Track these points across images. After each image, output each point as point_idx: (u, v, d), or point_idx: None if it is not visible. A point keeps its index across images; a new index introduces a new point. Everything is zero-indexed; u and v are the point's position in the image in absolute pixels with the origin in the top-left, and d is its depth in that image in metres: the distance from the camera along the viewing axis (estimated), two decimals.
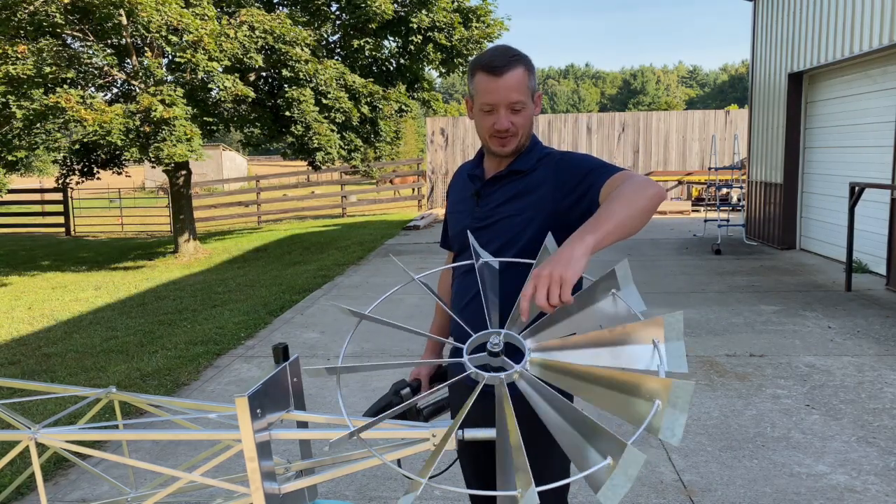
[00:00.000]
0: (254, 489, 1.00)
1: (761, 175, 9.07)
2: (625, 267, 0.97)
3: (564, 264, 1.00)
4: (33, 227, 14.90)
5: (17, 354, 4.93)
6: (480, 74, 1.38)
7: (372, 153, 9.89)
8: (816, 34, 7.49)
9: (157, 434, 1.12)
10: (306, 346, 4.77)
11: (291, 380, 1.14)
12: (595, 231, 1.08)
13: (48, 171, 26.06)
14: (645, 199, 1.17)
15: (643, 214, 1.17)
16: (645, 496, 2.63)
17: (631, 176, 1.27)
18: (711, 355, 4.26)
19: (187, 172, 9.57)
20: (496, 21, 9.67)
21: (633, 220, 1.14)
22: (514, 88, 1.36)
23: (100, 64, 7.86)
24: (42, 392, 1.37)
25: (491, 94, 1.37)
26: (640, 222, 1.16)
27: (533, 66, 1.42)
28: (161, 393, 3.91)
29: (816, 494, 2.59)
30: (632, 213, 1.14)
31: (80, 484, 2.87)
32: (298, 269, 8.16)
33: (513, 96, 1.36)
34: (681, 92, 73.13)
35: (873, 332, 4.67)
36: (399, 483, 2.80)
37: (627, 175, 1.28)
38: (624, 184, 1.24)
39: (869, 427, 3.15)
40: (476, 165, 1.54)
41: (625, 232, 1.13)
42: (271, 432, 1.04)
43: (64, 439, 1.11)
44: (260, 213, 15.47)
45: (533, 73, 1.41)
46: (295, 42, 8.29)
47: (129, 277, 8.28)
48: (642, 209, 1.16)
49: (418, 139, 35.60)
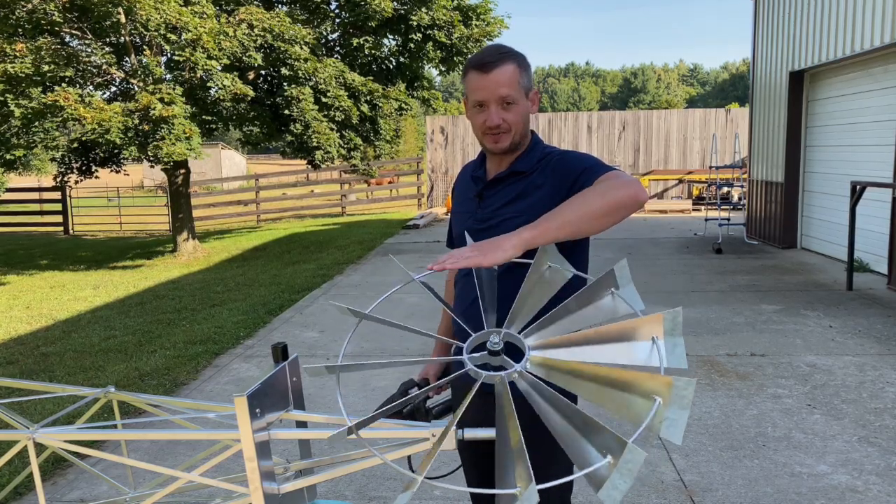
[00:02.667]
0: (253, 489, 1.00)
1: (762, 174, 9.07)
2: (624, 266, 0.97)
3: (486, 250, 1.02)
4: (31, 226, 14.87)
5: (16, 354, 4.91)
6: (472, 72, 1.39)
7: (371, 152, 9.89)
8: (818, 32, 7.48)
9: (155, 434, 1.12)
10: (306, 346, 4.75)
11: (291, 379, 1.13)
12: (535, 227, 1.09)
13: (46, 170, 26.03)
14: (606, 200, 1.16)
15: (601, 215, 1.15)
16: (646, 496, 2.62)
17: (614, 176, 1.26)
18: (712, 355, 4.25)
19: (186, 171, 9.55)
20: (496, 19, 9.66)
21: (586, 221, 1.14)
22: (504, 84, 1.36)
23: (98, 62, 7.84)
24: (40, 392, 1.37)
25: (481, 91, 1.38)
26: (597, 223, 1.15)
27: (527, 64, 1.42)
28: (160, 392, 3.90)
29: (818, 494, 2.59)
30: (584, 212, 1.14)
31: (78, 484, 2.86)
32: (298, 269, 8.14)
33: (502, 91, 1.36)
34: (681, 90, 73.12)
35: (875, 331, 4.66)
36: (399, 483, 2.78)
37: (612, 175, 1.27)
38: (597, 184, 1.24)
39: (870, 427, 3.15)
40: (478, 166, 1.54)
41: (573, 230, 1.12)
42: (270, 432, 1.03)
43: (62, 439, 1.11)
44: (259, 211, 15.45)
45: (527, 70, 1.41)
46: (294, 40, 8.27)
47: (128, 277, 8.26)
48: (599, 210, 1.15)
49: (418, 138, 35.58)
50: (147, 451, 3.12)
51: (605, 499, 0.72)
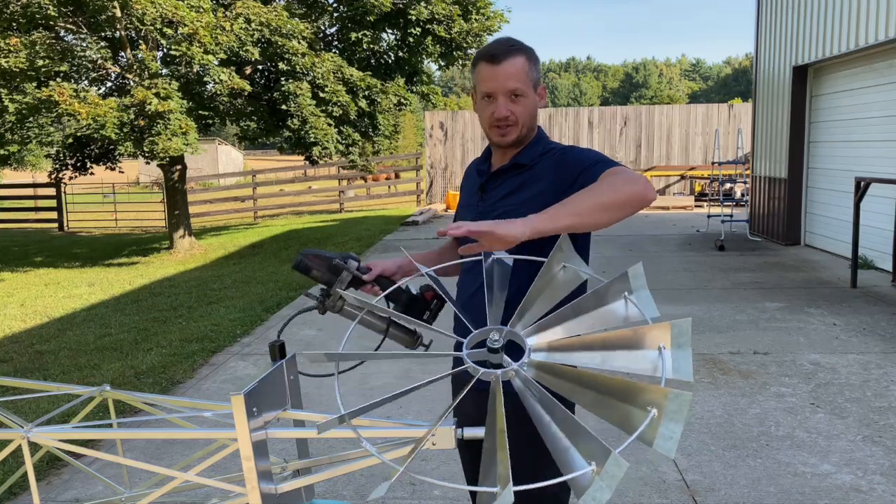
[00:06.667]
0: (250, 489, 1.00)
1: (765, 170, 9.04)
2: (638, 270, 0.95)
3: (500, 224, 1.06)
4: (26, 223, 14.80)
5: (10, 352, 4.87)
6: (481, 64, 1.40)
7: (370, 147, 9.83)
8: (821, 26, 7.45)
9: (151, 433, 1.12)
10: (303, 344, 4.72)
11: (288, 378, 1.13)
12: (545, 213, 1.13)
13: (41, 166, 25.91)
14: (616, 194, 1.17)
15: (611, 209, 1.17)
16: (647, 496, 2.59)
17: (620, 171, 1.26)
18: (715, 353, 4.22)
19: (182, 167, 9.49)
20: (496, 13, 9.61)
21: (595, 212, 1.15)
22: (513, 76, 1.37)
23: (94, 57, 7.76)
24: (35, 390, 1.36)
25: (489, 82, 1.39)
26: (606, 216, 1.16)
27: (536, 58, 1.44)
28: (156, 391, 3.87)
29: (821, 494, 2.56)
30: (595, 204, 1.16)
31: (73, 483, 2.83)
32: None
33: (511, 84, 1.37)
34: (684, 85, 73.02)
35: (879, 329, 4.64)
36: (398, 483, 2.75)
37: (619, 170, 1.28)
38: (604, 177, 1.25)
39: (875, 426, 3.12)
40: (483, 160, 1.55)
41: (582, 221, 1.14)
42: (268, 431, 1.03)
43: (57, 438, 1.11)
44: (256, 208, 15.40)
45: (535, 64, 1.43)
46: (292, 35, 8.22)
47: (124, 274, 8.21)
48: (609, 202, 1.17)
49: (417, 133, 35.53)
50: (143, 450, 3.09)
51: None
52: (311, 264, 1.37)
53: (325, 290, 1.38)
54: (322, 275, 1.38)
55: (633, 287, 0.94)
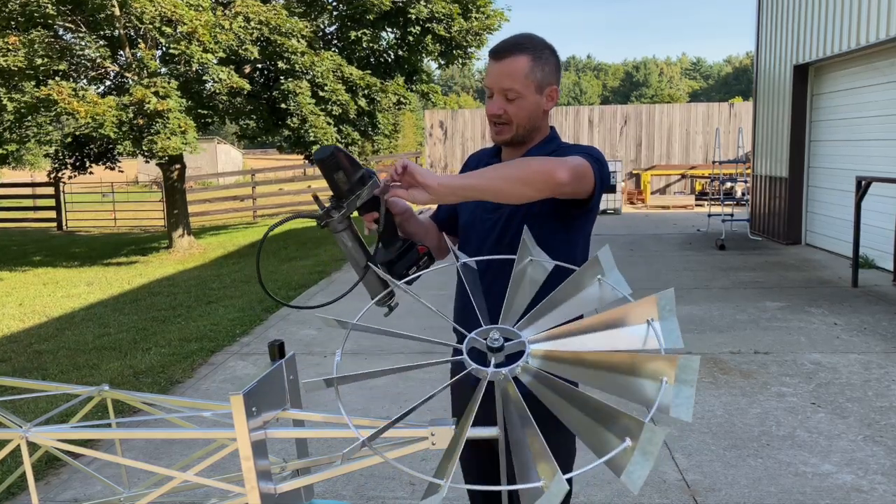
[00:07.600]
0: (249, 489, 0.99)
1: (766, 169, 9.03)
2: (607, 252, 0.98)
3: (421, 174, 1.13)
4: (24, 222, 14.78)
5: (8, 352, 4.86)
6: (489, 58, 1.41)
7: (370, 146, 9.81)
8: (822, 25, 7.44)
9: (150, 433, 1.11)
10: (303, 343, 4.71)
11: (288, 377, 1.12)
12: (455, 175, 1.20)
13: (40, 165, 25.88)
14: (520, 170, 1.23)
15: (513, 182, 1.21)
16: (648, 496, 2.58)
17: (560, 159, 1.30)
18: (715, 352, 4.21)
19: (181, 166, 9.47)
20: (496, 12, 9.59)
21: (496, 181, 1.19)
22: (508, 75, 1.36)
23: (92, 56, 7.74)
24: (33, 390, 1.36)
25: (489, 78, 1.40)
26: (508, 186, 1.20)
27: (548, 59, 1.39)
28: (155, 391, 3.86)
29: (822, 494, 2.56)
30: (499, 175, 1.21)
31: (72, 483, 2.82)
32: (295, 265, 8.10)
33: (504, 83, 1.36)
34: (684, 84, 72.81)
35: (880, 328, 4.63)
36: (398, 483, 2.74)
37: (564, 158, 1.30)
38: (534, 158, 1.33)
39: (876, 426, 3.12)
40: (493, 155, 1.55)
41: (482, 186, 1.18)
42: (267, 431, 1.02)
43: (56, 438, 1.10)
44: (255, 207, 15.37)
45: (544, 65, 1.38)
46: (291, 33, 8.20)
47: (122, 273, 8.20)
48: (513, 176, 1.21)
49: (417, 132, 35.50)
50: (142, 450, 3.08)
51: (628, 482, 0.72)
52: (343, 164, 1.14)
53: (336, 202, 1.18)
54: (346, 181, 1.15)
55: (605, 269, 0.97)
